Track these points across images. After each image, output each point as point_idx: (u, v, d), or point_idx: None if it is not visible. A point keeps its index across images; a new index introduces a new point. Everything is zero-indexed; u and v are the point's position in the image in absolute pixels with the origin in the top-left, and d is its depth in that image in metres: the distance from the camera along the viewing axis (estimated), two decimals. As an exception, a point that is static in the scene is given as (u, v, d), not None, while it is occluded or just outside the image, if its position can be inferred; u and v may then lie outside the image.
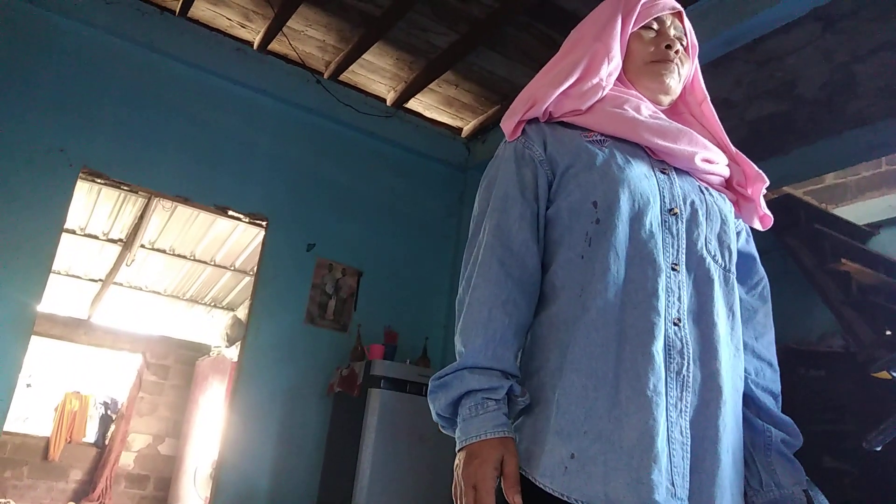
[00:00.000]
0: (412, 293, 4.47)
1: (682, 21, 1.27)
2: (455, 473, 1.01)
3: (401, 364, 3.86)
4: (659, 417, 0.96)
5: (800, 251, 3.54)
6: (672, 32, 1.25)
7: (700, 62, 1.34)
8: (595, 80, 1.16)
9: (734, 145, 1.27)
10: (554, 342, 1.05)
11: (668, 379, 1.00)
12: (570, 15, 3.45)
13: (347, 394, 3.80)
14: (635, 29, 1.23)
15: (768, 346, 1.21)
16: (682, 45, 1.25)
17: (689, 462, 0.98)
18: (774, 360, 1.21)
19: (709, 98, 1.30)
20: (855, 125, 3.48)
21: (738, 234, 1.23)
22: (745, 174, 1.22)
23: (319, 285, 4.15)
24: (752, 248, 1.26)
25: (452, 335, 1.10)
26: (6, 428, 3.51)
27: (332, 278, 4.20)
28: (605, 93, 1.18)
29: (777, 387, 1.19)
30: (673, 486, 0.95)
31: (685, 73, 1.26)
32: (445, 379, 1.06)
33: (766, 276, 1.26)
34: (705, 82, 1.32)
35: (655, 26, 1.24)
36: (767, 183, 1.23)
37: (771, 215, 1.25)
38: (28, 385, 8.64)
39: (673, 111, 1.29)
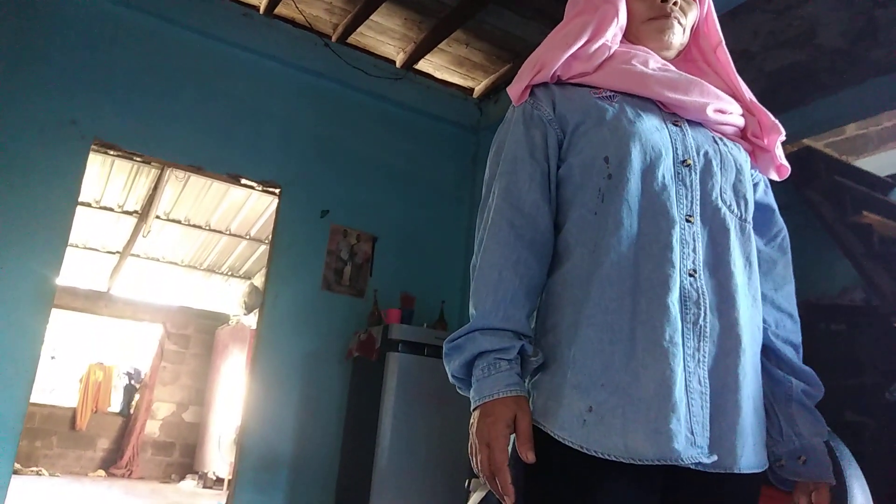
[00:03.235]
0: (427, 256, 4.47)
1: None
2: (470, 432, 1.02)
3: (418, 328, 3.88)
4: (676, 368, 0.96)
5: (820, 204, 3.48)
6: None
7: (716, 13, 1.30)
8: (602, 41, 1.15)
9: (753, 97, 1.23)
10: (568, 299, 1.05)
11: (685, 329, 0.99)
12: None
13: (366, 358, 3.83)
14: None
15: (788, 297, 1.20)
16: None
17: (708, 411, 0.98)
18: (795, 312, 1.20)
19: (724, 42, 1.26)
20: (877, 73, 3.39)
21: (756, 185, 1.21)
22: (760, 124, 1.19)
23: (335, 251, 4.16)
24: (771, 199, 1.24)
25: (469, 297, 1.11)
26: (33, 399, 3.59)
27: (346, 244, 4.20)
28: (611, 52, 1.16)
29: (798, 338, 1.18)
30: (692, 434, 0.95)
31: (690, 21, 1.23)
32: (458, 341, 1.07)
33: (785, 228, 1.25)
34: (722, 34, 1.27)
35: None
36: (783, 133, 1.20)
37: (788, 165, 1.22)
38: (52, 357, 8.83)
39: (685, 58, 1.27)
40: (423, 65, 4.52)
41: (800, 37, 3.40)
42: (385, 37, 4.28)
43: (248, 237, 6.94)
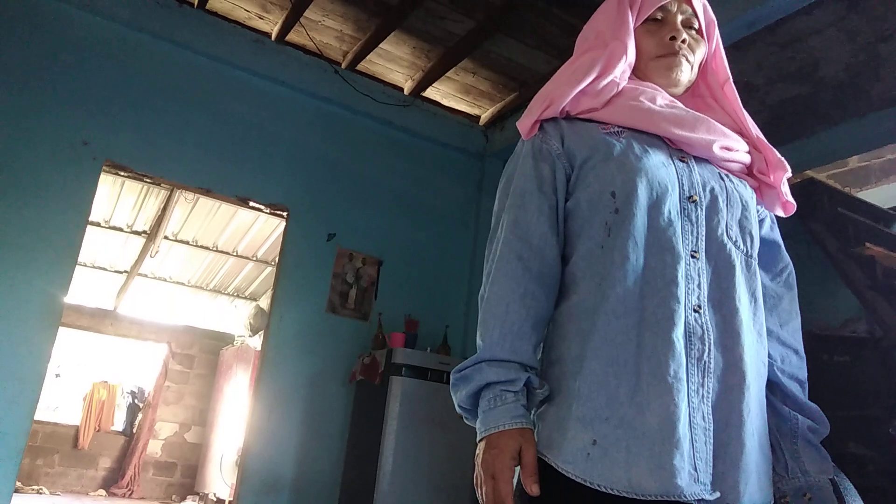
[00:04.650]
0: (432, 281, 4.49)
1: (690, 3, 1.23)
2: (475, 463, 1.03)
3: (422, 352, 3.88)
4: (680, 403, 0.97)
5: (823, 236, 3.50)
6: (679, 18, 1.22)
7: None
8: (610, 78, 1.16)
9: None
10: (574, 331, 1.06)
11: (689, 365, 1.00)
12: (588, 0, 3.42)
13: (369, 381, 3.83)
14: (640, 23, 1.21)
15: (794, 333, 1.20)
16: (694, 27, 1.23)
17: (711, 447, 0.98)
18: (800, 348, 1.20)
19: (731, 79, 1.27)
20: (879, 107, 3.43)
21: (762, 221, 1.22)
22: (766, 161, 1.20)
23: (340, 274, 4.18)
24: (777, 236, 1.25)
25: (473, 323, 1.12)
26: (37, 417, 3.59)
27: (352, 267, 4.23)
28: (619, 88, 1.18)
29: (803, 374, 1.18)
30: (696, 470, 0.95)
31: (698, 58, 1.24)
32: (465, 372, 1.07)
33: (791, 263, 1.25)
34: (729, 70, 1.29)
35: (660, 16, 1.22)
36: (789, 171, 1.20)
37: (794, 202, 1.23)
38: (57, 375, 8.83)
39: (693, 94, 1.28)
40: (431, 92, 4.58)
41: (803, 70, 3.44)
42: (394, 64, 4.35)
43: (254, 259, 6.97)
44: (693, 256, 1.05)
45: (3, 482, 3.15)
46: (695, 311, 1.03)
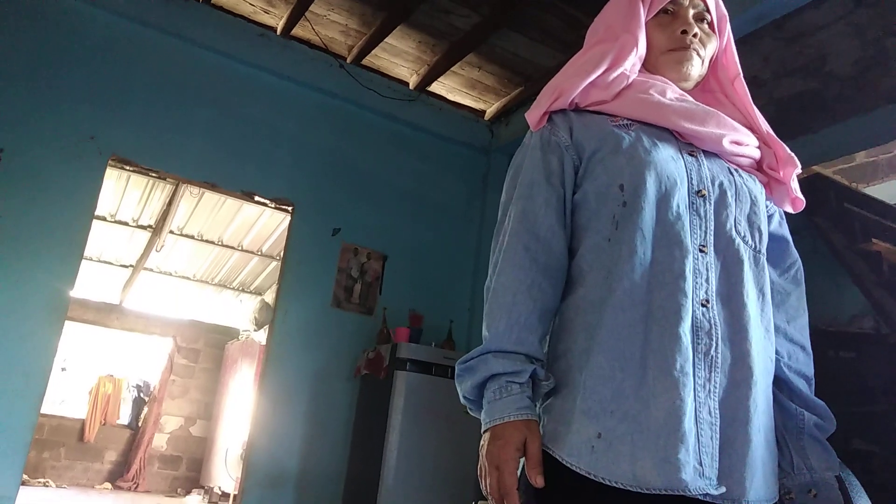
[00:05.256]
0: (437, 276, 4.49)
1: None
2: (480, 454, 1.03)
3: (426, 347, 3.88)
4: (686, 398, 0.96)
5: (829, 231, 3.48)
6: (690, 13, 1.21)
7: (728, 42, 1.31)
8: (620, 70, 1.16)
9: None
10: (581, 324, 1.05)
11: (696, 360, 0.99)
12: (594, -6, 3.41)
13: (374, 376, 3.84)
14: (652, 15, 1.21)
15: (801, 329, 1.20)
16: (706, 21, 1.22)
17: (718, 442, 0.97)
18: (808, 344, 1.19)
19: (742, 74, 1.27)
20: (887, 102, 3.40)
21: (771, 216, 1.21)
22: (776, 157, 1.20)
23: (345, 269, 4.19)
24: (786, 231, 1.24)
25: (477, 318, 1.12)
26: (43, 410, 3.61)
27: (357, 262, 4.23)
28: (629, 81, 1.17)
29: (810, 370, 1.17)
30: (701, 465, 0.95)
31: (709, 52, 1.23)
32: (471, 363, 1.07)
33: (799, 259, 1.24)
34: (740, 66, 1.28)
35: (672, 9, 1.21)
36: (799, 167, 1.20)
37: (803, 198, 1.22)
38: (63, 369, 8.87)
39: (703, 89, 1.27)
40: (436, 87, 4.57)
41: (810, 65, 3.43)
42: (399, 59, 4.34)
43: (259, 253, 6.98)
44: (701, 251, 1.05)
45: (9, 475, 3.16)
46: (702, 305, 1.02)
